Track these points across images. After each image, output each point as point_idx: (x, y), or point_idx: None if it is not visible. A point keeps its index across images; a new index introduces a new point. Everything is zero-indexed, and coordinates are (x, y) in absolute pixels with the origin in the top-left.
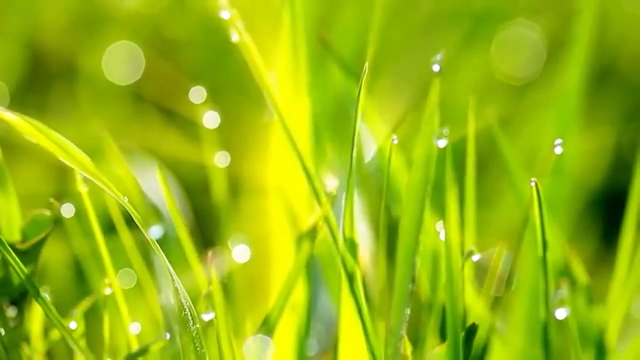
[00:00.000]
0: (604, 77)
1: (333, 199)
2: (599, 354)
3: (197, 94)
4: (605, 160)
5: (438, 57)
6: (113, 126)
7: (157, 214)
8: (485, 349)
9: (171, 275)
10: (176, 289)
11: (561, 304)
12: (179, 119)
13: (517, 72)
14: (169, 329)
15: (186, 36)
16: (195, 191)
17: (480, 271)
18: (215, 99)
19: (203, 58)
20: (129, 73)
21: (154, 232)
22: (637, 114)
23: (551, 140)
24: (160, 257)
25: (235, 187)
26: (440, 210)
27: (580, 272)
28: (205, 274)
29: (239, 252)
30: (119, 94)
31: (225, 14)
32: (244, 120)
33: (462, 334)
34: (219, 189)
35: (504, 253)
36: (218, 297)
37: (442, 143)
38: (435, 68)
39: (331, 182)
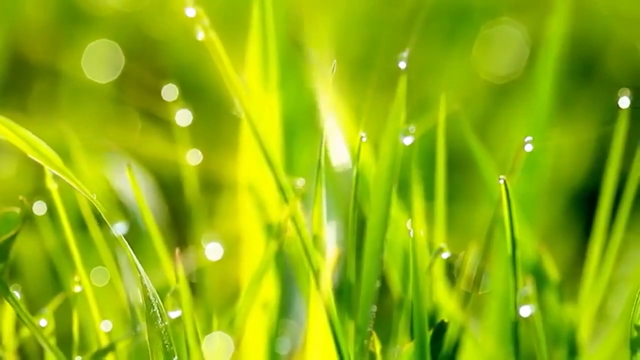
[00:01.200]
0: (587, 73)
1: (300, 196)
2: (571, 352)
3: (170, 92)
4: (590, 157)
5: (404, 54)
6: (93, 125)
7: (132, 212)
8: (456, 347)
9: (139, 273)
10: (144, 287)
11: (526, 301)
12: (160, 118)
13: (501, 71)
14: (138, 327)
15: (167, 35)
16: (175, 190)
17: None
18: (196, 98)
19: (184, 57)
20: (109, 72)
21: (120, 228)
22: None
23: (528, 137)
24: (127, 253)
25: (214, 184)
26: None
27: (551, 270)
28: (174, 271)
29: (211, 250)
30: (99, 93)
31: (190, 12)
32: (224, 118)
33: (429, 332)
34: (191, 186)
35: (476, 251)
36: (185, 294)
37: (408, 140)
38: (402, 65)
39: (299, 180)
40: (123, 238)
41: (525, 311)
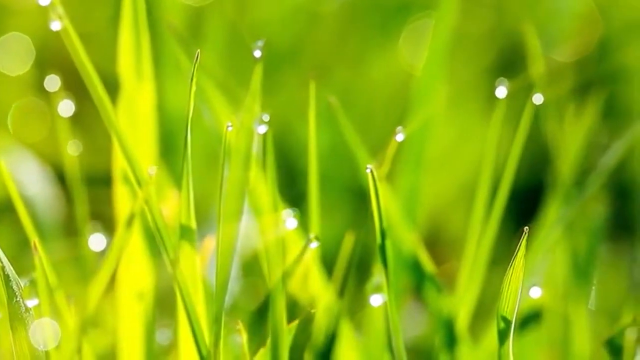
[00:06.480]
0: (511, 67)
1: (152, 185)
2: (450, 342)
3: (53, 83)
4: (526, 154)
5: (259, 43)
6: (3, 118)
7: (31, 205)
8: (332, 339)
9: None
10: (7, 276)
11: (376, 291)
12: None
13: None
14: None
15: (82, 29)
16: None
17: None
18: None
19: (107, 50)
20: (19, 65)
21: None
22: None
23: (399, 127)
24: None
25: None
26: (291, 200)
27: (426, 261)
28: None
29: (94, 241)
30: (12, 86)
31: (43, 1)
32: None
33: (287, 324)
34: (72, 177)
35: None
36: (42, 283)
37: (262, 129)
38: (257, 54)
39: (151, 168)
40: None
41: (376, 300)
